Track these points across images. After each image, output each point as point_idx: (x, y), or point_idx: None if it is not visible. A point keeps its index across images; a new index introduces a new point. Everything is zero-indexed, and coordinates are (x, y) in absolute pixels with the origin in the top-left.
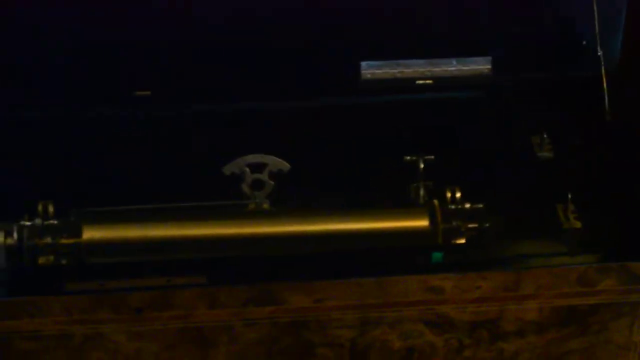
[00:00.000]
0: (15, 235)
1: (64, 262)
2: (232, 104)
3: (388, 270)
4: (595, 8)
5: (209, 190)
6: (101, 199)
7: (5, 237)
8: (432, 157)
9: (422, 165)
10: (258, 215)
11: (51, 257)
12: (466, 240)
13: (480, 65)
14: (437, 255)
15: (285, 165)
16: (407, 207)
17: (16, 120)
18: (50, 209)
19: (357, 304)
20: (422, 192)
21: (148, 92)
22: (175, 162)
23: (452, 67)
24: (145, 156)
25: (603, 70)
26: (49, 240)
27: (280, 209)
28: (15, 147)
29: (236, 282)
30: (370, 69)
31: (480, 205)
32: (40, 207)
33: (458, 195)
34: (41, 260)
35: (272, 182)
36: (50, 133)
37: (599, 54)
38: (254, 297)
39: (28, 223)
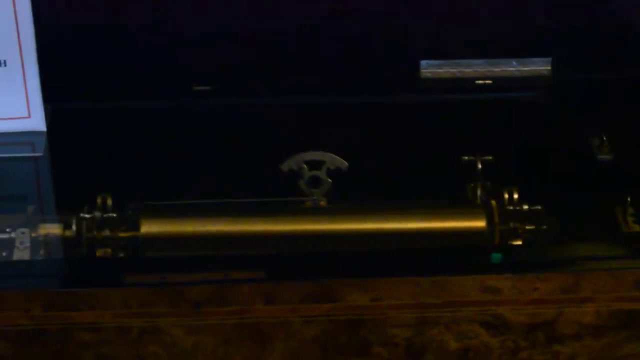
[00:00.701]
0: (74, 227)
1: (122, 255)
2: (292, 101)
3: (445, 270)
4: None
5: (266, 186)
6: (159, 193)
7: (65, 230)
8: (490, 157)
9: (479, 166)
10: (315, 212)
11: (109, 250)
12: (523, 242)
13: (540, 66)
14: (495, 256)
15: (343, 163)
16: (464, 208)
17: (76, 113)
18: (109, 202)
19: (413, 303)
20: (479, 192)
21: (207, 87)
22: (233, 158)
23: (511, 67)
24: (203, 151)
25: None
26: (107, 233)
27: (338, 206)
28: (75, 140)
29: (293, 278)
30: (430, 68)
31: (539, 207)
32: (99, 200)
33: (516, 196)
34: (99, 252)
35: (330, 180)
36: (109, 126)
37: None
38: (312, 294)
39: (87, 216)
